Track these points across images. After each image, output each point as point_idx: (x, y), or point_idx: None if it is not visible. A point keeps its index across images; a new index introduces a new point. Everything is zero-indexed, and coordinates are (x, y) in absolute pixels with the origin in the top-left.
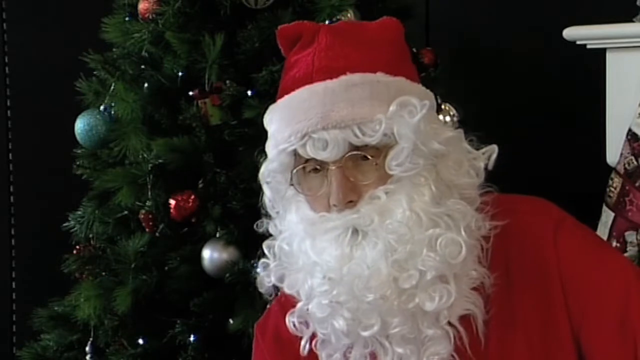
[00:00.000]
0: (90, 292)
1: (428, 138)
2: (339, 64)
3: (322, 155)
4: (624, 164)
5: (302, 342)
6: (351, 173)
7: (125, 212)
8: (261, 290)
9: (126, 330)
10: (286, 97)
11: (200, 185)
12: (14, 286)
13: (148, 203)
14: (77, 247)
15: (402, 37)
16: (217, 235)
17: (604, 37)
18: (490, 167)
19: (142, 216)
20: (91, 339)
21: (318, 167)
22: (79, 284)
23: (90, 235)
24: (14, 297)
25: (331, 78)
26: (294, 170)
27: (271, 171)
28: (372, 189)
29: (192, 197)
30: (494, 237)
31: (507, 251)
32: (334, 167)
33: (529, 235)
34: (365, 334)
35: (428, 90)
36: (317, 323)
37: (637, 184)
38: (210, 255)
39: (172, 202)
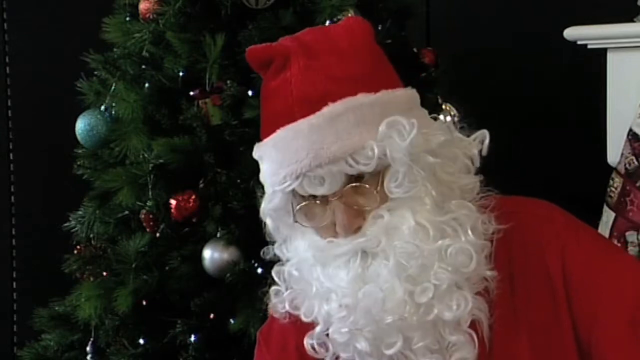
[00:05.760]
0: (91, 292)
1: (421, 153)
2: (317, 91)
3: (320, 191)
4: (625, 164)
5: None
6: (353, 200)
7: (126, 212)
8: (275, 315)
9: (127, 330)
10: (272, 137)
11: (201, 185)
12: (14, 286)
13: (149, 203)
14: (78, 247)
15: (372, 37)
16: (218, 235)
17: (605, 37)
18: (484, 152)
19: (143, 216)
20: (92, 339)
21: (319, 201)
22: (80, 284)
23: (91, 235)
24: (14, 297)
25: (313, 111)
26: (297, 208)
27: (272, 209)
28: (375, 210)
29: (193, 197)
30: (496, 241)
31: (510, 255)
32: (334, 199)
33: (532, 240)
34: (389, 352)
35: (411, 91)
36: (339, 347)
37: (637, 184)
38: (211, 255)
39: (173, 202)
